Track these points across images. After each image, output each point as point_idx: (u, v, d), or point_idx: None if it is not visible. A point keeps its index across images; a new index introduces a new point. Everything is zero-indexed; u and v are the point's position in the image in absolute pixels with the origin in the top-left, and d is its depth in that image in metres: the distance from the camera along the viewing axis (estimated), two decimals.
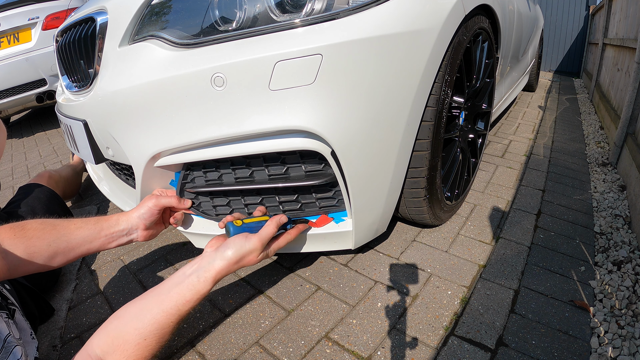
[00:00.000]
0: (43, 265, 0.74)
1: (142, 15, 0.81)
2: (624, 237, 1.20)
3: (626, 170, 1.61)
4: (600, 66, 3.35)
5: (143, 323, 0.65)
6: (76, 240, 0.77)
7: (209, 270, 0.71)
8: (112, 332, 0.65)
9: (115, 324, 0.66)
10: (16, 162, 2.49)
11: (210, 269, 0.71)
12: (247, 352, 0.82)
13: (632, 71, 1.75)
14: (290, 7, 0.73)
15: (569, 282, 1.00)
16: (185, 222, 0.95)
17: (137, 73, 0.79)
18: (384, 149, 0.83)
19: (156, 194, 0.88)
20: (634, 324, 0.86)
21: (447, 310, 0.90)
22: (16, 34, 2.91)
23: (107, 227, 0.82)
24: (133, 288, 1.04)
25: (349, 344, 0.82)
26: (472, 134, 1.35)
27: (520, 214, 1.32)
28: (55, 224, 0.77)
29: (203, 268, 0.71)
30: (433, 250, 1.12)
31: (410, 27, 0.78)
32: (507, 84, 1.92)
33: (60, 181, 1.45)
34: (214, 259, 0.72)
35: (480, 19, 1.10)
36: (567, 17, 5.60)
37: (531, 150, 1.97)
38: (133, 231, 0.86)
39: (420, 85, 0.83)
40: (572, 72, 5.63)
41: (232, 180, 0.87)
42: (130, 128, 0.83)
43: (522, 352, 0.79)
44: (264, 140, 0.76)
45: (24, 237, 0.71)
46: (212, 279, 0.71)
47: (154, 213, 0.86)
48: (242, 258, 0.74)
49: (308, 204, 0.88)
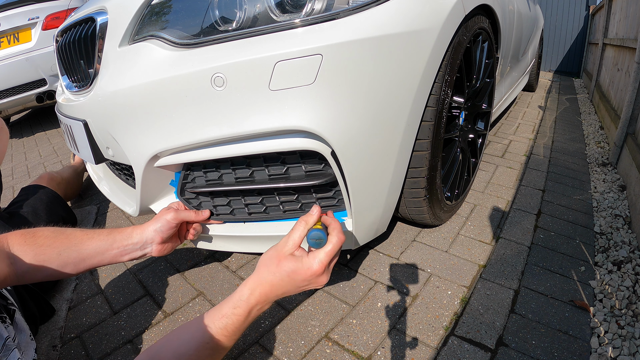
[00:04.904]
0: (52, 274, 0.72)
1: (142, 15, 0.81)
2: (624, 237, 1.20)
3: (626, 170, 1.61)
4: (600, 66, 3.35)
5: (179, 343, 0.60)
6: (87, 251, 0.75)
7: (247, 282, 0.65)
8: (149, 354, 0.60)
9: (157, 349, 0.61)
10: (16, 162, 2.49)
11: (246, 281, 0.66)
12: (247, 351, 0.82)
13: (632, 71, 1.75)
14: (290, 7, 0.73)
15: (569, 282, 1.00)
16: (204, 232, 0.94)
17: (137, 73, 0.79)
18: (384, 149, 0.83)
19: (174, 207, 0.85)
20: (634, 324, 0.86)
21: (447, 310, 0.90)
22: (16, 34, 2.91)
23: (120, 240, 0.79)
24: (133, 288, 1.04)
25: (349, 344, 0.82)
26: (472, 134, 1.35)
27: (520, 214, 1.32)
28: (67, 233, 0.75)
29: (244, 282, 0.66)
30: (433, 250, 1.12)
31: (410, 27, 0.78)
32: (507, 84, 1.92)
33: (61, 182, 1.45)
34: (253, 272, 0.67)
35: (480, 19, 1.10)
36: (567, 17, 5.60)
37: (531, 150, 1.97)
38: (147, 245, 0.82)
39: (421, 85, 0.83)
40: (572, 72, 5.63)
41: (232, 180, 0.87)
42: (130, 128, 0.83)
43: (522, 352, 0.79)
44: (264, 141, 0.76)
45: (34, 244, 0.70)
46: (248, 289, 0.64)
47: (172, 226, 0.83)
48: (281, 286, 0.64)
49: (308, 204, 0.88)
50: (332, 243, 0.64)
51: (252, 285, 0.64)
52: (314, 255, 0.63)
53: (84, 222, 1.44)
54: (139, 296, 1.01)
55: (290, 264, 0.63)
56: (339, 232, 0.66)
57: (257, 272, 0.65)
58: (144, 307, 0.97)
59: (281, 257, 0.63)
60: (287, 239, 0.65)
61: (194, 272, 1.09)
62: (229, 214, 0.91)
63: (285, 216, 0.89)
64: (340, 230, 0.66)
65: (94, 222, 1.44)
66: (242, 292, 0.63)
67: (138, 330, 0.90)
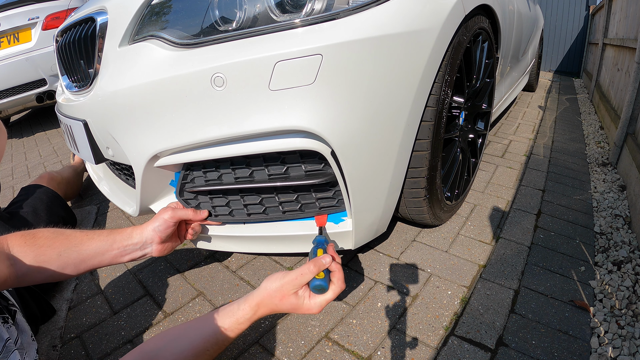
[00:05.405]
0: (52, 275, 0.72)
1: (142, 15, 0.81)
2: (624, 237, 1.20)
3: (626, 170, 1.61)
4: (600, 66, 3.35)
5: (181, 348, 0.64)
6: (87, 252, 0.76)
7: (249, 299, 0.70)
8: (148, 355, 0.63)
9: (152, 347, 0.64)
10: (16, 162, 2.49)
11: (249, 298, 0.70)
12: (247, 351, 0.82)
13: (632, 71, 1.75)
14: (290, 7, 0.73)
15: (569, 282, 1.00)
16: (203, 232, 0.94)
17: (137, 73, 0.79)
18: (383, 149, 0.83)
19: (172, 206, 0.86)
20: (634, 324, 0.86)
21: (447, 310, 0.90)
22: (16, 34, 2.91)
23: (120, 240, 0.80)
24: (133, 288, 1.04)
25: (349, 344, 0.82)
26: (472, 134, 1.35)
27: (520, 214, 1.32)
28: (67, 234, 0.75)
29: (245, 297, 0.71)
30: (433, 250, 1.12)
31: (410, 27, 0.78)
32: (507, 84, 1.92)
33: (61, 182, 1.45)
34: (256, 291, 0.71)
35: (480, 19, 1.10)
36: (567, 17, 5.60)
37: (531, 150, 1.97)
38: (147, 245, 0.83)
39: (420, 85, 0.83)
40: (572, 72, 5.63)
41: (232, 180, 0.87)
42: (130, 128, 0.83)
43: (522, 352, 0.79)
44: (264, 140, 0.76)
45: (34, 245, 0.70)
46: (250, 308, 0.69)
47: (170, 225, 0.83)
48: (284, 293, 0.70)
49: (308, 204, 0.88)
50: (333, 292, 0.71)
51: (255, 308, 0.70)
52: (315, 299, 0.70)
53: (84, 222, 1.44)
54: (139, 296, 1.01)
55: (293, 301, 0.70)
56: (341, 282, 0.71)
57: (262, 300, 0.70)
58: (144, 307, 0.97)
59: (285, 294, 0.69)
60: (294, 281, 0.69)
61: (194, 272, 1.09)
62: (228, 214, 0.91)
63: (284, 217, 0.89)
64: (342, 280, 0.72)
65: (94, 222, 1.44)
66: (245, 310, 0.69)
67: (138, 330, 0.90)
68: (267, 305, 0.70)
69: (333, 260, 0.71)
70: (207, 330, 0.67)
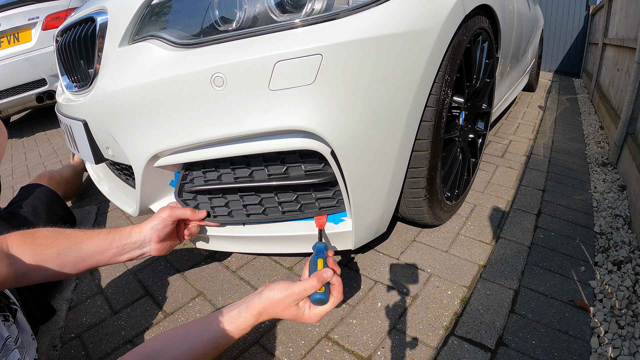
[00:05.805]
0: (52, 275, 0.73)
1: (142, 15, 0.81)
2: (624, 237, 1.20)
3: (626, 170, 1.61)
4: (600, 66, 3.35)
5: (180, 351, 0.64)
6: (86, 251, 0.76)
7: (251, 307, 0.71)
8: (147, 356, 0.63)
9: (151, 348, 0.65)
10: (16, 162, 2.49)
11: (251, 306, 0.71)
12: (247, 351, 0.82)
13: (632, 71, 1.75)
14: (290, 7, 0.73)
15: (569, 282, 1.00)
16: (202, 232, 0.94)
17: (137, 73, 0.79)
18: (383, 149, 0.83)
19: (171, 205, 0.86)
20: (634, 324, 0.86)
21: (447, 310, 0.90)
22: (16, 34, 2.91)
23: (119, 239, 0.80)
24: (133, 288, 1.04)
25: (349, 344, 0.82)
26: (472, 134, 1.35)
27: (520, 214, 1.32)
28: (66, 233, 0.76)
29: (247, 303, 0.71)
30: (433, 250, 1.12)
31: (410, 27, 0.78)
32: (507, 84, 1.92)
33: (61, 182, 1.45)
34: (259, 299, 0.72)
35: (480, 19, 1.10)
36: (567, 17, 5.60)
37: (531, 150, 1.97)
38: (146, 244, 0.83)
39: (420, 85, 0.83)
40: (572, 72, 5.63)
41: (231, 180, 0.87)
42: (130, 128, 0.83)
43: (522, 352, 0.79)
44: (263, 140, 0.76)
45: (33, 244, 0.70)
46: (252, 316, 0.70)
47: (168, 224, 0.83)
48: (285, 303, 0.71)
49: (308, 205, 0.88)
50: (332, 303, 0.73)
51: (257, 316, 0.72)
52: (315, 310, 0.73)
53: (84, 222, 1.44)
54: (139, 296, 1.01)
55: (294, 312, 0.72)
56: (340, 294, 0.74)
57: (264, 309, 0.71)
58: (144, 307, 0.97)
59: (287, 305, 0.71)
60: (297, 294, 0.71)
61: (194, 272, 1.09)
62: (227, 215, 0.91)
63: (284, 217, 0.89)
64: (341, 292, 0.74)
65: (93, 222, 1.44)
66: (247, 318, 0.71)
67: (138, 330, 0.90)
68: (268, 314, 0.72)
69: (334, 274, 0.73)
70: (207, 334, 0.68)
